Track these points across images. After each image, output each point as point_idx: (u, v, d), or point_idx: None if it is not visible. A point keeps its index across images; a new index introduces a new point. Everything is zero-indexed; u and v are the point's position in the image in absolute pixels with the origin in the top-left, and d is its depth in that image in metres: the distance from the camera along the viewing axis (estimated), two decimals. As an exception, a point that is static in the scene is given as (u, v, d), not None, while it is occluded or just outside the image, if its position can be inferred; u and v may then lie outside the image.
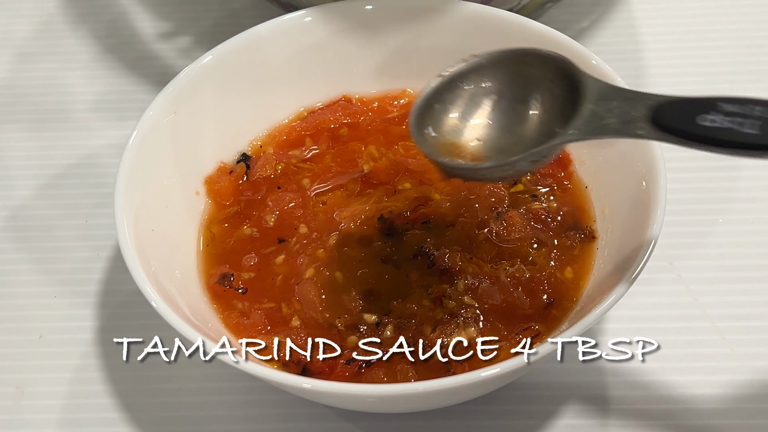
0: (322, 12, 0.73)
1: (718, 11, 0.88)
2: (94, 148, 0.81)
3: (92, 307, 0.71)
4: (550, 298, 0.63)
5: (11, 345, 0.70)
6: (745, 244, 0.72)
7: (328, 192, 0.70)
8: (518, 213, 0.67)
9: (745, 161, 0.76)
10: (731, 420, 0.64)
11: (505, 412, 0.64)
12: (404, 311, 0.63)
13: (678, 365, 0.66)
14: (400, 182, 0.70)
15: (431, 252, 0.65)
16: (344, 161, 0.72)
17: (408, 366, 0.60)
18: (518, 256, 0.65)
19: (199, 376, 0.67)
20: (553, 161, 0.70)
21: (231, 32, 0.72)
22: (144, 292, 0.59)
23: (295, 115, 0.75)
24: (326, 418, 0.65)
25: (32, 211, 0.77)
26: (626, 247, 0.61)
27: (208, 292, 0.65)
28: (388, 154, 0.71)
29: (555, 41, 0.70)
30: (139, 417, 0.66)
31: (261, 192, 0.70)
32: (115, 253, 0.73)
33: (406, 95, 0.75)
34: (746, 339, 0.67)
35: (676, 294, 0.70)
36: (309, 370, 0.60)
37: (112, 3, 0.92)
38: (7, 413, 0.66)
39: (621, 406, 0.64)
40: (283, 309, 0.64)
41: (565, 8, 0.88)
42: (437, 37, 0.74)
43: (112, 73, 0.86)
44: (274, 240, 0.68)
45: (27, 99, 0.85)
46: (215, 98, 0.71)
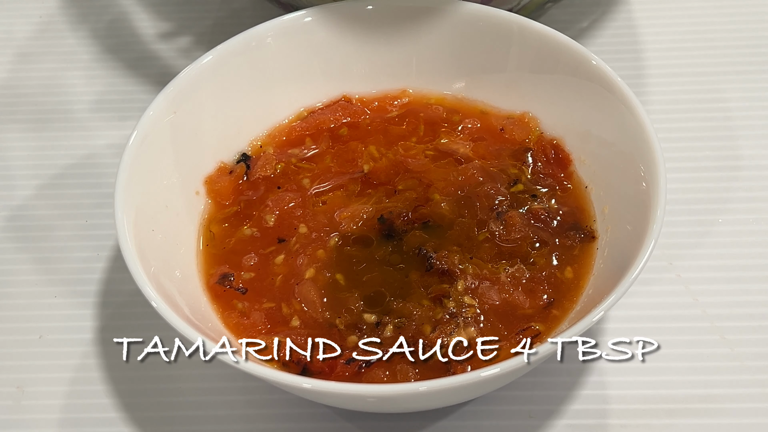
0: (322, 12, 0.73)
1: (718, 11, 0.88)
2: (94, 148, 0.81)
3: (92, 307, 0.71)
4: (550, 298, 0.63)
5: (11, 345, 0.70)
6: (745, 244, 0.72)
7: (328, 192, 0.70)
8: (518, 213, 0.67)
9: (744, 161, 0.77)
10: (731, 420, 0.64)
11: (505, 412, 0.64)
12: (404, 311, 0.63)
13: (678, 365, 0.66)
14: (400, 182, 0.70)
15: (430, 254, 0.65)
16: (344, 161, 0.72)
17: (408, 366, 0.60)
18: (518, 256, 0.65)
19: (199, 376, 0.67)
20: (553, 161, 0.70)
21: (231, 32, 0.72)
22: (144, 292, 0.59)
23: (295, 115, 0.75)
24: (326, 418, 0.65)
25: (32, 211, 0.77)
26: (626, 247, 0.61)
27: (208, 292, 0.65)
28: (388, 154, 0.71)
29: (555, 41, 0.70)
30: (139, 417, 0.66)
31: (261, 192, 0.70)
32: (115, 253, 0.73)
33: (406, 95, 0.75)
34: (746, 339, 0.67)
35: (676, 294, 0.70)
36: (309, 370, 0.60)
37: (113, 3, 0.92)
38: (7, 413, 0.66)
39: (621, 406, 0.64)
40: (283, 309, 0.64)
41: (565, 8, 0.88)
42: (437, 37, 0.74)
43: (112, 73, 0.86)
44: (274, 240, 0.68)
45: (27, 99, 0.85)
46: (215, 98, 0.71)
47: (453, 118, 0.74)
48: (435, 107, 0.75)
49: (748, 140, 0.78)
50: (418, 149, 0.72)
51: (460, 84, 0.75)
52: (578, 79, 0.70)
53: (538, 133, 0.72)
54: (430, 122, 0.74)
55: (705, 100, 0.81)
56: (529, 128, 0.72)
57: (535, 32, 0.71)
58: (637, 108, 0.65)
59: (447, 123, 0.73)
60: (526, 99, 0.73)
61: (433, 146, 0.72)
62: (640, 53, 0.85)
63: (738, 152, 0.77)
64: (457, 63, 0.75)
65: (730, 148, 0.78)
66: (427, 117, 0.74)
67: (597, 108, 0.68)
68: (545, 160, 0.70)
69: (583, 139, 0.70)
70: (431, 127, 0.73)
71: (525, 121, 0.72)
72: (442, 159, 0.71)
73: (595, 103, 0.68)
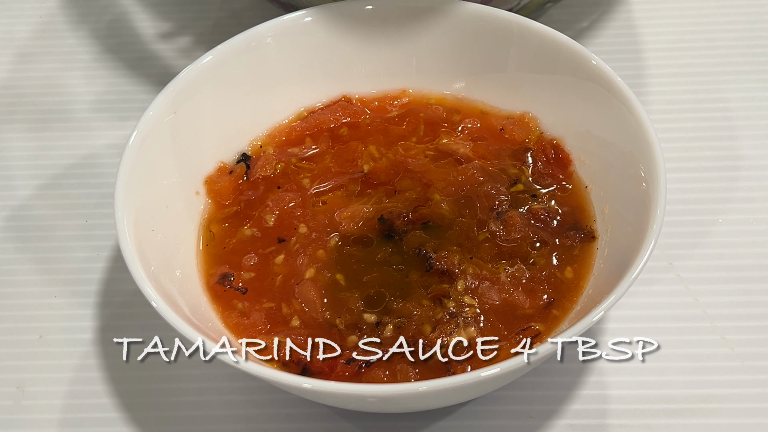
0: (322, 12, 0.73)
1: (717, 11, 0.88)
2: (94, 148, 0.81)
3: (92, 307, 0.71)
4: (550, 298, 0.63)
5: (11, 345, 0.70)
6: (745, 244, 0.72)
7: (328, 192, 0.70)
8: (518, 213, 0.67)
9: (744, 161, 0.77)
10: (731, 420, 0.64)
11: (505, 412, 0.64)
12: (404, 311, 0.63)
13: (678, 365, 0.66)
14: (400, 182, 0.70)
15: (430, 255, 0.65)
16: (344, 161, 0.72)
17: (408, 366, 0.60)
18: (518, 256, 0.65)
19: (199, 376, 0.67)
20: (553, 161, 0.70)
21: (231, 32, 0.72)
22: (144, 292, 0.59)
23: (295, 115, 0.75)
24: (326, 418, 0.65)
25: (32, 211, 0.77)
26: (626, 247, 0.61)
27: (208, 292, 0.65)
28: (388, 154, 0.71)
29: (555, 41, 0.70)
30: (139, 417, 0.66)
31: (261, 192, 0.70)
32: (115, 253, 0.73)
33: (406, 95, 0.75)
34: (746, 339, 0.67)
35: (676, 294, 0.70)
36: (309, 370, 0.60)
37: (113, 3, 0.92)
38: (7, 413, 0.66)
39: (621, 406, 0.64)
40: (283, 309, 0.64)
41: (565, 8, 0.88)
42: (437, 37, 0.74)
43: (112, 73, 0.86)
44: (274, 240, 0.68)
45: (27, 99, 0.85)
46: (215, 98, 0.71)
47: (453, 118, 0.74)
48: (435, 107, 0.75)
49: (748, 140, 0.78)
50: (418, 149, 0.72)
51: (460, 84, 0.75)
52: (578, 79, 0.70)
53: (538, 133, 0.72)
54: (430, 122, 0.74)
55: (705, 100, 0.81)
56: (529, 128, 0.72)
57: (535, 32, 0.71)
58: (637, 108, 0.65)
59: (447, 123, 0.73)
60: (526, 99, 0.73)
61: (434, 146, 0.72)
62: (640, 53, 0.85)
63: (738, 152, 0.77)
64: (457, 63, 0.75)
65: (730, 148, 0.78)
66: (427, 117, 0.74)
67: (597, 108, 0.68)
68: (545, 160, 0.70)
69: (583, 139, 0.70)
70: (431, 127, 0.73)
71: (525, 121, 0.72)
72: (442, 159, 0.71)
73: (595, 103, 0.68)
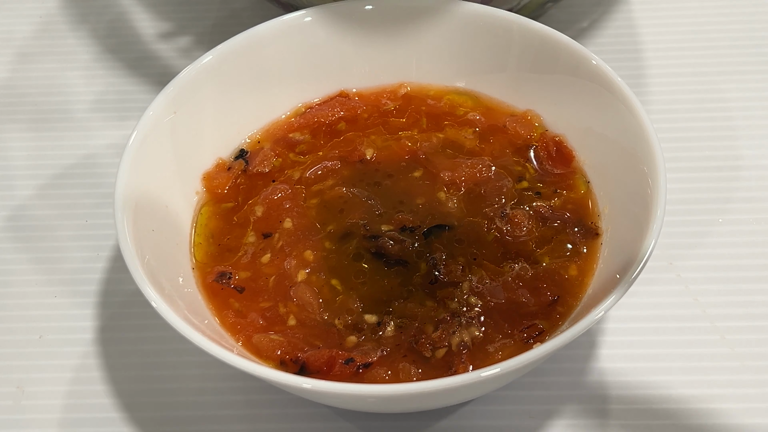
0: (322, 12, 0.73)
1: (717, 11, 0.88)
2: (94, 148, 0.81)
3: (92, 307, 0.71)
4: (554, 296, 0.63)
5: (11, 345, 0.70)
6: (745, 244, 0.72)
7: (327, 190, 0.70)
8: (523, 211, 0.67)
9: (745, 161, 0.77)
10: (731, 420, 0.64)
11: (505, 412, 0.64)
12: (406, 311, 0.63)
13: (678, 365, 0.66)
14: (406, 171, 0.70)
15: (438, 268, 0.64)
16: (343, 153, 0.72)
17: (410, 365, 0.60)
18: (523, 254, 0.65)
19: (199, 376, 0.67)
20: (556, 158, 0.70)
21: (231, 32, 0.72)
22: (144, 292, 0.59)
23: (293, 111, 0.75)
24: (326, 418, 0.65)
25: (32, 211, 0.77)
26: (626, 247, 0.61)
27: (206, 292, 0.65)
28: (390, 140, 0.71)
29: (555, 41, 0.70)
30: (139, 417, 0.66)
31: (259, 187, 0.70)
32: (115, 253, 0.73)
33: (404, 88, 0.75)
34: (746, 339, 0.67)
35: (676, 294, 0.70)
36: (307, 369, 0.60)
37: (112, 3, 0.92)
38: (7, 413, 0.66)
39: (621, 406, 0.64)
40: (280, 308, 0.64)
41: (565, 8, 0.88)
42: (437, 37, 0.74)
43: (112, 73, 0.86)
44: (260, 236, 0.68)
45: (27, 99, 0.85)
46: (215, 98, 0.71)
47: (457, 112, 0.74)
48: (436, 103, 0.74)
49: (748, 140, 0.78)
50: (422, 137, 0.72)
51: (461, 84, 0.75)
52: (578, 79, 0.70)
53: (541, 129, 0.72)
54: (433, 115, 0.74)
55: (705, 100, 0.81)
56: (531, 125, 0.72)
57: (535, 32, 0.71)
58: (637, 108, 0.65)
59: (450, 116, 0.73)
60: (527, 99, 0.73)
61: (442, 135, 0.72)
62: (640, 53, 0.85)
63: (738, 152, 0.77)
64: (457, 63, 0.75)
65: (730, 148, 0.78)
66: (429, 110, 0.74)
67: (597, 108, 0.68)
68: (548, 156, 0.70)
69: (583, 139, 0.70)
70: (434, 119, 0.73)
71: (528, 118, 0.72)
72: (448, 148, 0.71)
73: (596, 104, 0.68)
